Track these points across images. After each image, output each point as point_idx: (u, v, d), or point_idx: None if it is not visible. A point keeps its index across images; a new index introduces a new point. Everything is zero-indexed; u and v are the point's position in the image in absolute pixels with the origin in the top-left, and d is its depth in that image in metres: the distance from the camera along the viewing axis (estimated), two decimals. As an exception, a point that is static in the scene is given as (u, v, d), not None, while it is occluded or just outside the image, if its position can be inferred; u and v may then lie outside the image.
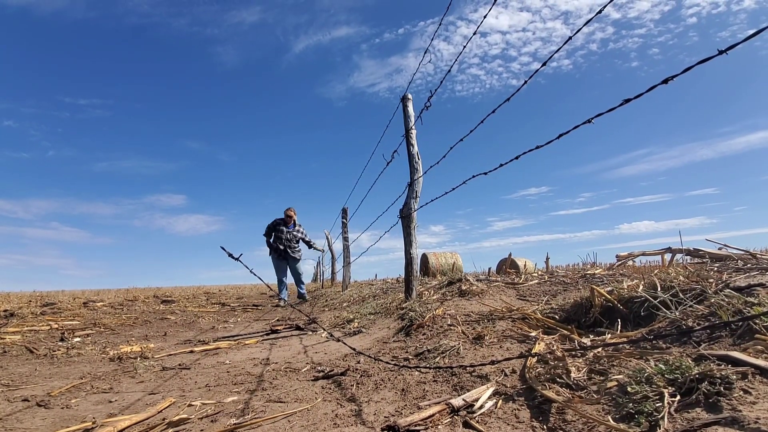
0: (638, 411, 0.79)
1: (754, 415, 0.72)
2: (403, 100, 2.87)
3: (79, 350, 2.22)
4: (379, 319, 2.56)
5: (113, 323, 3.47)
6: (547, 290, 2.43)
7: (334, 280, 9.83)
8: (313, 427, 0.97)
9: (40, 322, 3.33)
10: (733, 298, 1.23)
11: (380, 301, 3.36)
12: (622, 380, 0.94)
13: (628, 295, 1.53)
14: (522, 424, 0.88)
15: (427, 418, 0.90)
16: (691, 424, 0.73)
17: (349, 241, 6.71)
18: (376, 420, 0.97)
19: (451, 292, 2.67)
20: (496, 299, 2.30)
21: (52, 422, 1.09)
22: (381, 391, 1.18)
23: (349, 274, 6.71)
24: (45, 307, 4.58)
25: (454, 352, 1.42)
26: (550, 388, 1.00)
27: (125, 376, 1.64)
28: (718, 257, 2.39)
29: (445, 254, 9.47)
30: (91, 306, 4.89)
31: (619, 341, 1.21)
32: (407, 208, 2.71)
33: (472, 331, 1.62)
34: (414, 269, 2.73)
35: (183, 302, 5.81)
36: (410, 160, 2.78)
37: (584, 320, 1.57)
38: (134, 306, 5.15)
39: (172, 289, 10.12)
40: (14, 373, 1.68)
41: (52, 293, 8.91)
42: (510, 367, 1.19)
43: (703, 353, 0.96)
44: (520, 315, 1.79)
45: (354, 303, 4.19)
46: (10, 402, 1.27)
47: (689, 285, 1.46)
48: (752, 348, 0.96)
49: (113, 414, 1.13)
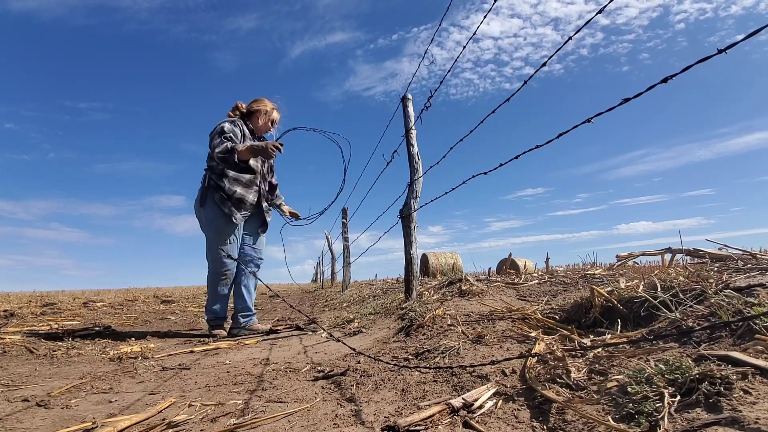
0: (638, 411, 0.79)
1: (754, 416, 0.72)
2: (403, 100, 2.87)
3: (79, 350, 2.22)
4: (379, 319, 2.56)
5: (113, 323, 3.47)
6: (547, 290, 2.43)
7: (334, 280, 9.84)
8: (313, 427, 0.97)
9: (40, 322, 3.33)
10: (733, 298, 1.23)
11: (380, 301, 3.36)
12: (622, 380, 0.94)
13: (628, 296, 1.53)
14: (522, 424, 0.88)
15: (427, 418, 0.90)
16: (691, 424, 0.73)
17: (349, 241, 6.71)
18: (376, 420, 0.97)
19: (451, 292, 2.67)
20: (496, 299, 2.30)
21: (52, 422, 1.09)
22: (381, 391, 1.18)
23: (349, 274, 6.72)
24: (45, 307, 4.58)
25: (454, 352, 1.42)
26: (550, 389, 1.00)
27: (125, 376, 1.64)
28: (718, 257, 2.39)
29: (445, 254, 9.48)
30: (91, 306, 4.89)
31: (619, 341, 1.21)
32: (407, 208, 2.71)
33: (472, 332, 1.62)
34: (414, 269, 2.73)
35: (183, 302, 5.81)
36: (410, 160, 2.78)
37: (584, 320, 1.57)
38: (134, 306, 5.15)
39: (172, 289, 10.13)
40: (14, 373, 1.68)
41: (52, 293, 8.91)
42: (510, 367, 1.19)
43: (703, 353, 0.96)
44: (520, 315, 1.79)
45: (354, 303, 4.19)
46: (9, 402, 1.27)
47: (689, 285, 1.45)
48: (752, 348, 0.96)
49: (113, 414, 1.13)
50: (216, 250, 2.77)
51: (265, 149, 2.61)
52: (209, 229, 2.79)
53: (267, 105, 3.00)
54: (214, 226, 2.76)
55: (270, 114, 3.00)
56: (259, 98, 3.02)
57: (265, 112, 2.98)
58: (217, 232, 2.77)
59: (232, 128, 2.74)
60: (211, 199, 2.75)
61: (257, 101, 3.00)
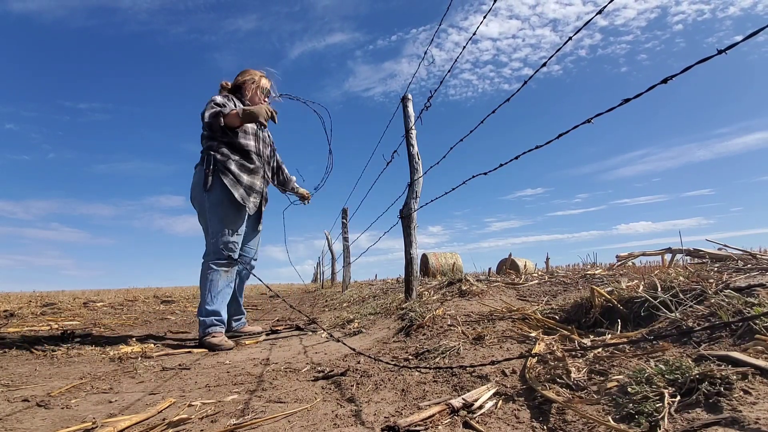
0: (638, 411, 0.79)
1: (754, 416, 0.72)
2: (403, 100, 2.87)
3: (79, 350, 2.22)
4: (379, 319, 2.56)
5: (113, 323, 3.47)
6: (547, 290, 2.43)
7: (334, 280, 9.84)
8: (312, 427, 0.97)
9: (40, 322, 3.33)
10: (733, 298, 1.23)
11: (380, 301, 3.36)
12: (622, 381, 0.94)
13: (628, 296, 1.53)
14: (522, 424, 0.88)
15: (427, 419, 0.90)
16: (691, 424, 0.73)
17: (349, 241, 6.71)
18: (376, 420, 0.97)
19: (451, 292, 2.67)
20: (496, 299, 2.30)
21: (52, 422, 1.09)
22: (381, 392, 1.18)
23: (349, 274, 6.72)
24: (45, 308, 4.58)
25: (454, 352, 1.42)
26: (550, 389, 1.00)
27: (125, 376, 1.64)
28: (718, 257, 2.39)
29: (445, 254, 9.48)
30: (91, 306, 4.89)
31: (619, 341, 1.21)
32: (407, 209, 2.71)
33: (472, 332, 1.62)
34: (414, 269, 2.73)
35: (183, 302, 5.81)
36: (410, 161, 2.78)
37: (584, 320, 1.57)
38: (134, 306, 5.15)
39: (172, 289, 10.12)
40: (14, 373, 1.68)
41: (52, 293, 8.91)
42: (510, 367, 1.19)
43: (704, 353, 0.96)
44: (520, 315, 1.79)
45: (354, 303, 4.20)
46: (9, 402, 1.27)
47: (689, 285, 1.45)
48: (752, 348, 0.96)
49: (113, 414, 1.13)
50: (222, 239, 2.41)
51: (257, 113, 2.32)
52: (214, 215, 2.42)
53: (253, 74, 2.70)
54: (222, 212, 2.43)
55: (258, 82, 2.69)
56: (244, 69, 2.73)
57: (252, 81, 2.67)
58: (223, 220, 2.43)
59: (224, 100, 2.48)
60: (218, 181, 2.42)
61: (242, 73, 2.71)
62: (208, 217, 2.45)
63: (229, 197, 2.43)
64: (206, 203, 2.44)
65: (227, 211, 2.44)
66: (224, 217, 2.43)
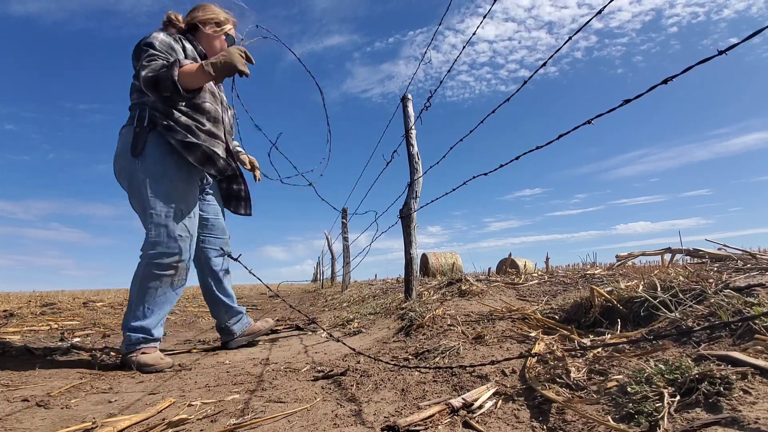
0: (638, 411, 0.80)
1: (753, 416, 0.72)
2: (403, 100, 2.87)
3: (79, 350, 2.22)
4: (379, 319, 2.56)
5: (113, 323, 3.47)
6: (547, 290, 2.43)
7: (333, 280, 9.84)
8: (312, 427, 0.97)
9: (39, 322, 3.33)
10: (733, 298, 1.23)
11: (380, 301, 3.36)
12: (622, 380, 0.94)
13: (628, 296, 1.53)
14: (522, 424, 0.88)
15: (427, 418, 0.90)
16: (691, 424, 0.73)
17: (349, 241, 6.71)
18: (375, 420, 0.97)
19: (451, 292, 2.67)
20: (496, 299, 2.30)
21: (51, 422, 1.09)
22: (381, 391, 1.18)
23: (349, 274, 6.72)
24: (45, 307, 4.57)
25: (454, 352, 1.42)
26: (550, 388, 1.00)
27: (125, 376, 1.64)
28: (718, 257, 2.39)
29: (445, 254, 9.49)
30: (91, 306, 4.89)
31: (618, 341, 1.21)
32: (407, 209, 2.71)
33: (472, 331, 1.62)
34: (414, 269, 2.73)
35: (183, 302, 5.80)
36: (410, 160, 2.78)
37: (584, 320, 1.57)
38: (134, 306, 5.14)
39: (172, 289, 10.10)
40: (14, 373, 1.68)
41: (51, 293, 8.90)
42: (510, 367, 1.19)
43: (703, 353, 0.96)
44: (520, 315, 1.79)
45: (354, 303, 4.19)
46: (9, 402, 1.27)
47: (689, 285, 1.46)
48: (752, 348, 0.96)
49: (113, 414, 1.13)
50: (167, 225, 1.71)
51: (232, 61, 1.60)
52: (154, 190, 1.71)
53: (217, 13, 1.95)
54: (164, 184, 1.73)
55: (224, 27, 1.96)
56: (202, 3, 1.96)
57: (216, 23, 1.94)
58: (167, 195, 1.73)
59: (169, 42, 1.74)
60: (156, 144, 1.72)
61: (201, 8, 1.95)
62: (145, 195, 1.72)
63: (175, 161, 1.75)
64: (139, 174, 1.72)
65: (175, 182, 1.75)
66: (169, 192, 1.73)
